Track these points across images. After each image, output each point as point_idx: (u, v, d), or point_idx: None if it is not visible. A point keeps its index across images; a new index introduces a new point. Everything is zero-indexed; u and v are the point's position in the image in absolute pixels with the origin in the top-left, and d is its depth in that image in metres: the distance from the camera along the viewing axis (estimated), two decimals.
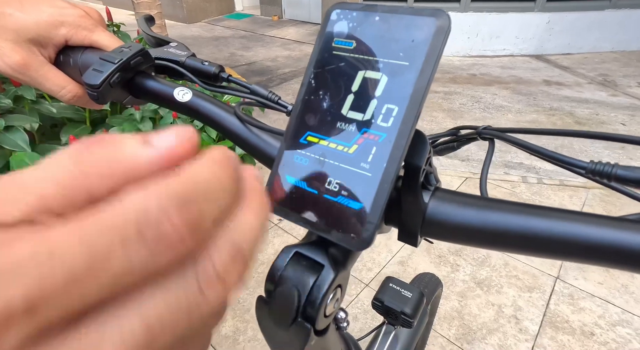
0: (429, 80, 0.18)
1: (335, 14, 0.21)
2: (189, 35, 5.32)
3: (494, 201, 0.19)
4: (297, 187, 0.21)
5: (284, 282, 0.20)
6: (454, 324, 1.22)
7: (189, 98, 0.27)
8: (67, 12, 0.27)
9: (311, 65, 0.21)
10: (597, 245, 0.16)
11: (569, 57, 4.24)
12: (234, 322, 1.22)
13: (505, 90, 3.24)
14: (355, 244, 0.18)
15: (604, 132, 0.20)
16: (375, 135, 0.19)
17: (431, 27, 0.18)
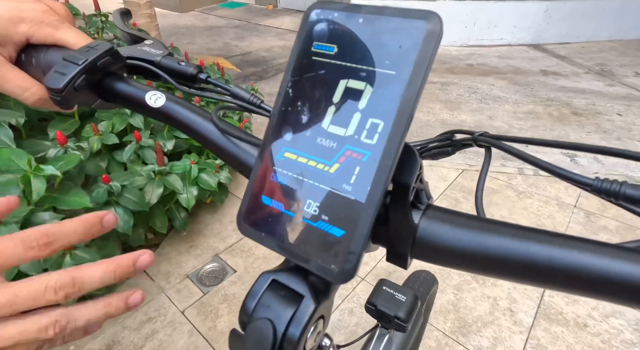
0: (418, 92, 0.16)
1: (315, 14, 0.18)
2: (182, 25, 5.21)
3: (490, 222, 0.17)
4: (273, 209, 0.19)
5: (258, 314, 0.18)
6: (449, 318, 1.23)
7: (162, 103, 0.25)
8: (27, 7, 0.25)
9: (288, 73, 0.19)
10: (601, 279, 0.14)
11: (566, 46, 4.20)
12: (229, 317, 1.22)
13: (503, 81, 3.21)
14: (336, 276, 0.17)
15: (604, 146, 0.18)
16: (358, 154, 0.17)
17: (421, 31, 0.16)
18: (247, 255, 1.45)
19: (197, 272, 1.38)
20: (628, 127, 2.46)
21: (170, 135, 1.39)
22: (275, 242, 0.19)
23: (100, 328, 0.22)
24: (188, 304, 1.26)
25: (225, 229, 1.58)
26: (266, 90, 2.97)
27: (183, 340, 1.15)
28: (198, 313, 1.23)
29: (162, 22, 3.92)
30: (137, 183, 1.17)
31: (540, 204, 1.74)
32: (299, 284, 0.19)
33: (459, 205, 1.72)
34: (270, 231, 0.19)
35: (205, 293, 1.30)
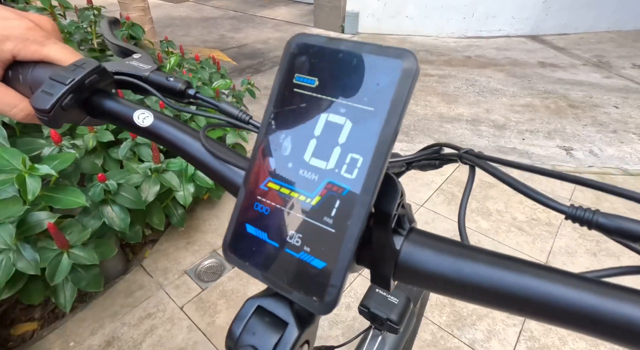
0: (395, 129, 0.16)
1: (296, 46, 0.18)
2: (176, 16, 5.13)
3: (470, 249, 0.18)
4: (257, 239, 0.19)
5: (244, 340, 0.19)
6: (444, 311, 1.24)
7: (150, 122, 0.25)
8: (11, 25, 0.24)
9: (271, 103, 0.19)
10: (569, 309, 0.15)
11: (565, 37, 4.18)
12: (228, 313, 1.23)
13: (500, 73, 3.20)
14: (318, 308, 0.17)
15: (592, 180, 0.18)
16: (338, 188, 0.17)
17: (397, 70, 0.16)
18: None
19: (195, 268, 1.39)
20: (624, 120, 2.47)
21: None
22: (260, 272, 0.19)
23: None
24: (187, 299, 1.27)
25: (223, 225, 1.58)
26: (263, 84, 2.95)
27: (182, 335, 1.17)
28: (197, 309, 1.25)
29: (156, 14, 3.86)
30: (134, 181, 1.17)
31: None
32: (283, 311, 0.19)
33: (455, 200, 1.74)
34: (254, 260, 0.19)
35: (203, 289, 1.31)
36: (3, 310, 1.21)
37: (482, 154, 0.22)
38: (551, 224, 1.61)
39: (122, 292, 1.30)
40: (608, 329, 0.14)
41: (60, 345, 1.13)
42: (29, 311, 1.23)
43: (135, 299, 1.28)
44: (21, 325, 1.18)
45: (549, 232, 1.57)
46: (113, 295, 1.29)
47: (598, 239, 1.54)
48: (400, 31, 4.23)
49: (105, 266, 1.28)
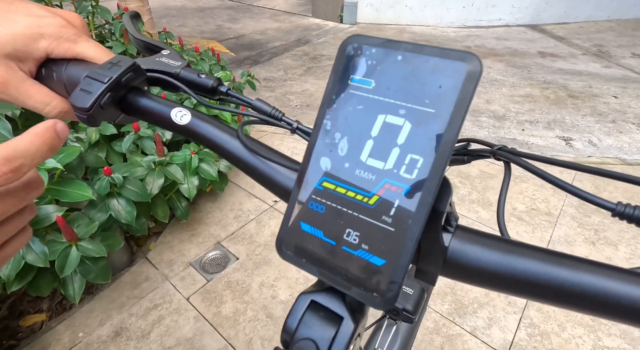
0: (457, 131, 0.16)
1: (352, 48, 0.19)
2: (172, 6, 5.04)
3: (518, 245, 0.18)
4: (313, 236, 0.19)
5: (301, 335, 0.20)
6: (446, 300, 1.27)
7: (188, 120, 0.25)
8: (46, 22, 0.24)
9: (325, 105, 0.19)
10: (627, 304, 0.15)
11: (564, 26, 4.16)
12: (233, 303, 1.25)
13: (500, 63, 3.19)
14: (378, 303, 0.18)
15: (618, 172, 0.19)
16: (397, 187, 0.17)
17: (461, 73, 0.16)
18: (248, 243, 1.48)
19: (199, 260, 1.40)
20: (623, 110, 2.48)
21: None
22: (316, 269, 0.19)
23: None
24: (192, 291, 1.29)
25: (226, 216, 1.59)
26: (262, 75, 2.93)
27: (189, 325, 1.19)
28: (203, 299, 1.26)
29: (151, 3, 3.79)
30: (138, 174, 1.17)
31: (535, 188, 1.77)
32: (337, 305, 0.20)
33: (456, 190, 1.75)
34: (310, 258, 0.19)
35: (208, 280, 1.33)
36: (11, 302, 1.23)
37: (516, 150, 0.22)
38: (551, 214, 1.63)
39: (128, 284, 1.31)
40: None
41: (69, 335, 1.15)
42: (37, 303, 1.24)
43: (141, 290, 1.29)
44: (30, 317, 1.20)
45: (549, 221, 1.59)
46: (120, 287, 1.30)
47: (596, 228, 1.56)
48: (399, 21, 4.18)
49: (111, 259, 1.29)
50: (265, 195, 1.70)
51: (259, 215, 1.61)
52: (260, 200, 1.69)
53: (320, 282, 0.22)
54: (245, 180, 1.80)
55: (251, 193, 1.73)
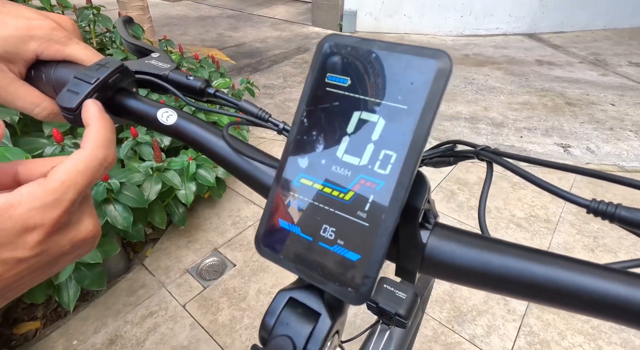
0: (429, 126, 0.16)
1: (328, 46, 0.19)
2: (174, 15, 5.11)
3: (495, 242, 0.18)
4: (290, 233, 0.19)
5: (278, 331, 0.20)
6: (445, 307, 1.26)
7: (174, 121, 0.25)
8: (36, 24, 0.25)
9: (303, 102, 0.20)
10: (598, 299, 0.15)
11: (561, 35, 4.20)
12: (230, 310, 1.24)
13: (498, 71, 3.22)
14: (353, 298, 0.18)
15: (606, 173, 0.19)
16: (372, 183, 0.18)
17: (432, 69, 0.17)
18: (246, 249, 1.47)
19: (196, 267, 1.40)
20: (620, 117, 2.49)
21: None
22: (293, 265, 0.19)
23: None
24: (189, 298, 1.28)
25: (224, 223, 1.59)
26: (261, 82, 2.95)
27: (185, 333, 1.17)
28: (199, 307, 1.25)
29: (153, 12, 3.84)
30: (135, 180, 1.17)
31: (534, 194, 1.76)
32: (315, 302, 0.20)
33: (454, 197, 1.75)
34: (287, 254, 0.20)
35: (205, 287, 1.32)
36: (5, 309, 1.21)
37: (499, 150, 0.22)
38: (549, 221, 1.63)
39: (124, 291, 1.30)
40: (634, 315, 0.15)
41: (63, 343, 1.13)
42: (32, 310, 1.23)
43: (137, 297, 1.28)
44: (24, 324, 1.18)
45: (548, 228, 1.59)
46: (115, 294, 1.29)
47: (595, 235, 1.56)
48: (398, 30, 4.23)
49: (107, 265, 1.28)
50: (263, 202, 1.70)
51: (257, 221, 1.60)
52: (258, 206, 1.69)
53: (299, 280, 0.22)
54: (243, 186, 1.79)
55: (249, 199, 1.72)
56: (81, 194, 0.20)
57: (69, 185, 0.19)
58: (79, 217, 0.20)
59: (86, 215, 0.21)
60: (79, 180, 0.19)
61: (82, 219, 0.20)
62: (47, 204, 0.18)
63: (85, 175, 0.20)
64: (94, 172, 0.20)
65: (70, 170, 0.19)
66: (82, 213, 0.21)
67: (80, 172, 0.20)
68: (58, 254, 0.19)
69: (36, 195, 0.18)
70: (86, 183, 0.20)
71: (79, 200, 0.20)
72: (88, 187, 0.20)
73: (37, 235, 0.18)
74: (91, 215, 0.21)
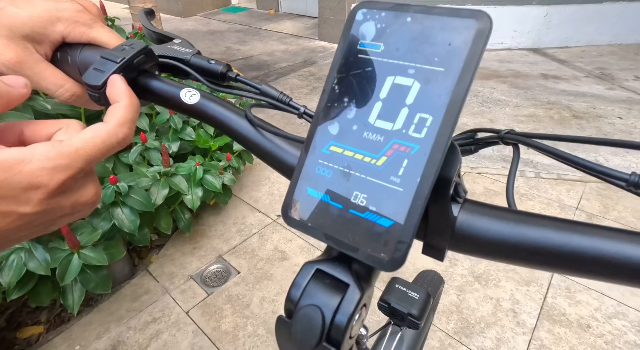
0: (467, 88, 0.16)
1: (362, 13, 0.19)
2: (184, 29, 5.25)
3: (527, 215, 0.18)
4: (319, 201, 0.19)
5: (304, 302, 0.19)
6: (452, 318, 1.23)
7: (197, 100, 0.26)
8: (63, 7, 0.26)
9: (334, 70, 0.19)
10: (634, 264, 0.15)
11: (566, 50, 4.23)
12: (233, 318, 1.22)
13: (503, 84, 3.23)
14: (386, 265, 0.17)
15: (635, 141, 0.19)
16: (407, 147, 0.17)
17: (471, 30, 0.16)
18: (250, 257, 1.46)
19: (201, 273, 1.39)
20: (629, 131, 2.47)
21: (175, 138, 1.40)
22: (322, 232, 0.19)
23: None
24: (192, 304, 1.27)
25: (229, 230, 1.59)
26: None
27: (187, 340, 1.16)
28: (202, 313, 1.24)
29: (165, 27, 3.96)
30: (143, 184, 1.18)
31: (542, 206, 1.74)
32: (343, 273, 0.19)
33: None
34: (316, 222, 0.19)
35: (209, 294, 1.31)
36: (10, 313, 1.21)
37: (524, 132, 0.22)
38: None
39: (128, 297, 1.29)
40: None
41: (65, 348, 1.12)
42: (36, 314, 1.23)
43: (141, 303, 1.27)
44: (27, 329, 1.18)
45: None
46: (119, 300, 1.28)
47: None
48: None
49: (112, 270, 1.28)
50: (268, 209, 1.70)
51: (262, 229, 1.60)
52: (263, 214, 1.69)
53: (326, 253, 0.21)
54: (249, 194, 1.80)
55: (255, 207, 1.72)
56: (91, 165, 0.20)
57: (82, 154, 0.19)
58: (82, 183, 0.21)
59: (89, 182, 0.21)
60: (93, 152, 0.20)
61: (86, 185, 0.21)
62: (57, 167, 0.18)
63: (100, 149, 0.20)
64: (110, 148, 0.21)
65: (87, 140, 0.20)
66: (86, 179, 0.21)
67: (96, 145, 0.20)
68: (58, 214, 0.20)
69: (49, 155, 0.18)
70: (99, 156, 0.20)
71: (86, 170, 0.20)
72: (99, 160, 0.21)
73: (41, 194, 0.18)
74: (93, 182, 0.22)
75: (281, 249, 1.49)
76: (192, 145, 1.48)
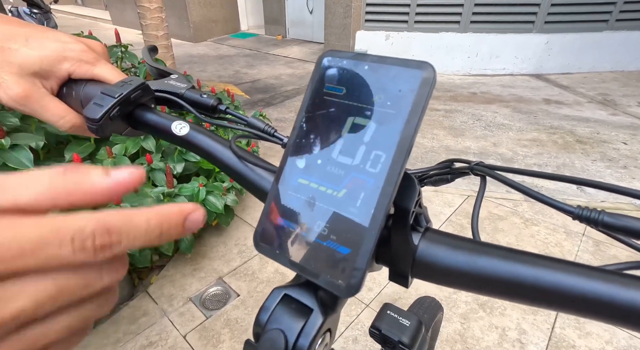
0: (415, 129, 0.18)
1: (327, 60, 0.21)
2: (195, 54, 5.44)
3: (484, 245, 0.19)
4: (287, 229, 0.21)
5: (271, 326, 0.20)
6: (456, 348, 1.19)
7: (186, 132, 0.28)
8: (70, 47, 0.28)
9: (303, 109, 0.22)
10: (585, 298, 0.16)
11: (568, 76, 4.29)
12: (231, 342, 1.20)
13: (506, 109, 3.27)
14: (343, 290, 0.18)
15: (599, 181, 0.20)
16: (363, 181, 0.19)
17: (417, 78, 0.18)
18: (250, 279, 1.45)
19: (200, 296, 1.37)
20: (634, 156, 2.46)
21: (180, 159, 1.43)
22: (288, 259, 0.20)
23: None
24: (190, 328, 1.25)
25: (230, 251, 1.58)
26: (274, 116, 3.06)
27: None
28: (200, 338, 1.21)
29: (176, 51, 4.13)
30: (147, 204, 1.20)
31: (547, 231, 1.72)
32: (308, 299, 0.21)
33: (464, 231, 1.71)
34: (283, 249, 0.21)
35: (207, 317, 1.29)
36: None
37: (492, 165, 0.24)
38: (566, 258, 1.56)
39: (126, 319, 1.28)
40: (622, 313, 0.15)
41: None
42: None
43: (138, 326, 1.25)
44: None
45: None
46: (117, 322, 1.27)
47: None
48: None
49: None
50: None
51: None
52: None
53: (295, 279, 0.22)
54: (251, 215, 1.80)
55: None
56: None
57: None
58: None
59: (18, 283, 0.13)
60: None
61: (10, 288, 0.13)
62: None
63: None
64: None
65: None
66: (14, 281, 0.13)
67: None
68: None
69: None
70: None
71: None
72: None
73: None
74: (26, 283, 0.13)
75: (282, 272, 1.47)
76: (196, 166, 1.50)
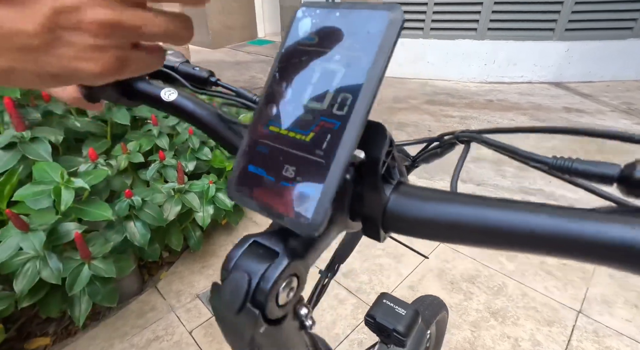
0: (382, 68, 0.18)
1: (301, 11, 0.22)
2: (212, 60, 5.58)
3: (454, 195, 0.19)
4: (256, 175, 0.21)
5: (237, 268, 0.20)
6: None
7: (174, 98, 0.29)
8: None
9: (277, 61, 0.22)
10: (554, 236, 0.16)
11: (590, 85, 4.17)
12: None
13: (524, 116, 3.20)
14: (306, 228, 0.18)
15: (580, 127, 0.20)
16: (330, 123, 0.19)
17: (385, 19, 0.19)
18: None
19: (208, 293, 1.38)
20: None
21: (192, 157, 1.46)
22: (257, 204, 0.21)
23: None
24: (196, 324, 1.25)
25: None
26: None
27: None
28: (205, 334, 1.22)
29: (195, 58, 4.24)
30: (157, 199, 1.22)
31: None
32: (276, 244, 0.21)
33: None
34: (253, 195, 0.21)
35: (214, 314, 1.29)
36: (21, 324, 1.23)
37: (476, 130, 0.23)
38: (585, 270, 1.50)
39: (134, 313, 1.30)
40: (580, 248, 0.15)
41: None
42: (45, 326, 1.24)
43: (146, 320, 1.27)
44: (35, 340, 1.19)
45: (582, 278, 1.47)
46: (125, 316, 1.29)
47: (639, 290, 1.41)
48: (421, 75, 4.38)
49: (121, 285, 1.29)
50: None
51: None
52: None
53: (269, 228, 0.22)
54: (261, 216, 1.81)
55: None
56: None
57: None
58: None
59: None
60: None
61: None
62: None
63: None
64: None
65: None
66: None
67: None
68: (67, 40, 0.17)
69: None
70: None
71: None
72: None
73: None
74: None
75: None
76: (207, 165, 1.53)
